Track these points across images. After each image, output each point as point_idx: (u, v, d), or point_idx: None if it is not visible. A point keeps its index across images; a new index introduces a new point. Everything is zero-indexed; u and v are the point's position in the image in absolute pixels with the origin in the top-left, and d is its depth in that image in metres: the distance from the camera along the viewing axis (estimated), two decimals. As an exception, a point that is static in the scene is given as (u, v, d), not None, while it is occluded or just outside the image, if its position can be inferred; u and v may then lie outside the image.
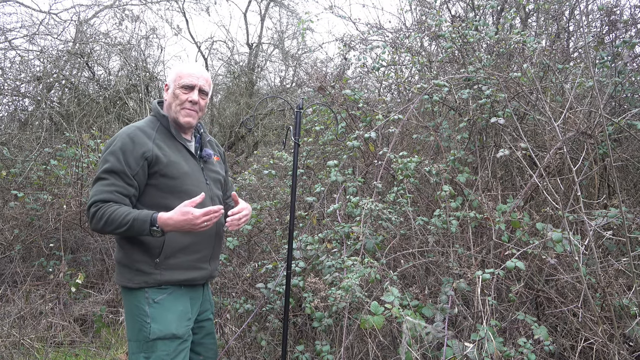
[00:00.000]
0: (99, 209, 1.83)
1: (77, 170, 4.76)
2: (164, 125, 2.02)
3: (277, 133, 8.73)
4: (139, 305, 1.90)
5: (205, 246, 2.03)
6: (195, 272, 1.99)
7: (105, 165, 1.87)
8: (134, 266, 1.90)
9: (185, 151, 2.03)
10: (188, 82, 2.01)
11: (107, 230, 1.83)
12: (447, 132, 3.32)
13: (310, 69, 5.24)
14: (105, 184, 1.86)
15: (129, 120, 7.47)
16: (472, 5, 4.10)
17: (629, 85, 3.11)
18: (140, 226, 1.80)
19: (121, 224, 1.80)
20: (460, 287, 2.36)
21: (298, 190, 3.67)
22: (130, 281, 1.91)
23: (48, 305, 3.96)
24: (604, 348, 2.22)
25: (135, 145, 1.88)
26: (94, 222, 1.84)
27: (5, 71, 6.48)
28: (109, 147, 1.91)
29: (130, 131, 1.93)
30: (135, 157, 1.87)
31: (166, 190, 1.93)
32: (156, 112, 2.06)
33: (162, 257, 1.90)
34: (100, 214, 1.81)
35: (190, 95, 2.01)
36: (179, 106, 2.01)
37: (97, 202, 1.84)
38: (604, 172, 3.09)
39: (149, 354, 1.87)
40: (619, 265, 2.43)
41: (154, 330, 1.86)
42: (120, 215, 1.80)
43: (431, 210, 3.10)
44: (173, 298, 1.93)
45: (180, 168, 1.96)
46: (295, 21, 9.92)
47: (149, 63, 8.60)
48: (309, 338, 3.09)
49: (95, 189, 1.87)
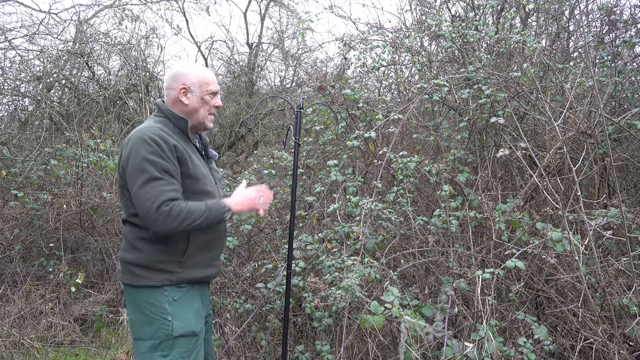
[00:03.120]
0: (172, 208, 1.81)
1: (77, 170, 4.76)
2: (179, 127, 2.00)
3: (277, 133, 8.73)
4: (158, 304, 1.89)
5: (218, 244, 2.08)
6: (210, 270, 2.04)
7: (154, 166, 1.83)
8: (155, 266, 1.89)
9: (198, 153, 2.06)
10: (215, 88, 2.05)
11: (182, 226, 1.82)
12: (447, 131, 3.32)
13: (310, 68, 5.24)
14: (164, 183, 1.83)
15: (129, 120, 7.47)
16: (472, 4, 4.09)
17: (629, 85, 3.11)
18: (216, 211, 1.89)
19: (199, 215, 1.84)
20: (460, 286, 2.36)
21: (298, 190, 3.67)
22: (149, 280, 1.89)
23: (48, 305, 3.96)
24: (604, 348, 2.23)
25: (166, 142, 1.87)
26: (168, 220, 1.81)
27: (5, 71, 6.48)
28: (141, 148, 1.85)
29: (154, 131, 1.88)
30: (171, 153, 1.88)
31: (190, 191, 1.93)
32: (169, 114, 2.00)
33: (187, 255, 1.92)
34: (177, 211, 1.81)
35: (217, 101, 2.07)
36: (208, 112, 2.05)
37: (166, 200, 1.81)
38: (604, 171, 3.09)
39: (168, 352, 1.87)
40: (619, 265, 2.43)
41: (177, 328, 1.87)
42: (195, 207, 1.85)
43: (431, 210, 3.10)
44: (189, 296, 1.95)
45: (201, 169, 1.99)
46: (295, 21, 9.92)
47: (149, 63, 8.61)
48: (309, 338, 3.09)
49: (155, 190, 1.81)
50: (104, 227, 4.88)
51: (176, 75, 2.02)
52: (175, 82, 2.02)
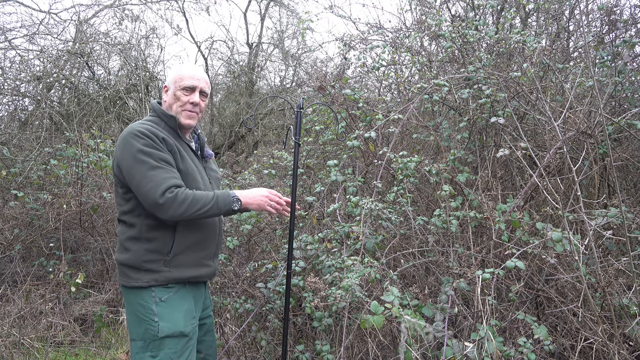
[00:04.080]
0: (177, 194, 1.81)
1: (77, 170, 4.75)
2: (170, 125, 2.02)
3: (277, 133, 8.73)
4: (145, 305, 1.89)
5: (211, 243, 2.06)
6: (202, 269, 2.01)
7: (150, 157, 1.83)
8: (142, 266, 1.89)
9: (190, 151, 2.06)
10: (189, 83, 2.02)
11: (188, 212, 1.82)
12: (447, 131, 3.32)
13: (310, 68, 5.24)
14: (164, 171, 1.83)
15: (129, 120, 7.47)
16: (472, 4, 4.10)
17: (629, 85, 3.11)
18: (224, 200, 1.90)
19: (206, 202, 1.85)
20: (460, 286, 2.36)
21: (298, 190, 3.67)
22: (138, 280, 1.90)
23: (48, 304, 3.96)
24: (604, 348, 2.23)
25: (156, 135, 1.89)
26: (174, 207, 1.80)
27: (5, 71, 6.48)
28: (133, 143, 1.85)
29: (144, 126, 1.90)
30: (162, 145, 1.89)
31: None
32: (160, 113, 2.03)
33: (172, 254, 1.91)
34: (182, 198, 1.81)
35: (192, 97, 2.03)
36: (180, 107, 2.03)
37: (170, 187, 1.81)
38: (604, 171, 3.09)
39: (157, 352, 1.87)
40: (619, 265, 2.43)
41: (163, 329, 1.87)
42: (201, 195, 1.85)
43: (431, 210, 3.10)
44: (179, 297, 1.93)
45: (191, 166, 1.99)
46: (295, 21, 9.92)
47: (149, 63, 8.61)
48: (309, 338, 3.09)
49: (157, 177, 1.81)
50: (104, 227, 4.88)
51: (167, 76, 2.12)
52: (165, 83, 2.10)
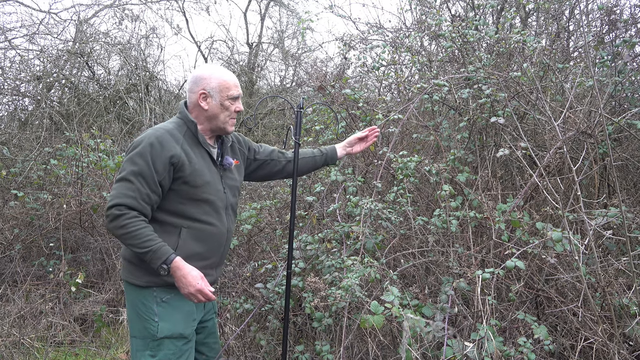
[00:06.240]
0: (123, 215, 1.79)
1: (77, 170, 4.75)
2: (192, 130, 2.00)
3: (277, 132, 8.73)
4: (147, 304, 1.90)
5: (215, 254, 2.04)
6: None
7: (133, 167, 1.83)
8: (143, 265, 1.89)
9: (209, 158, 2.03)
10: (237, 93, 2.03)
11: (122, 239, 1.81)
12: (447, 131, 3.32)
13: (310, 68, 5.23)
14: (131, 187, 1.81)
15: (129, 119, 7.47)
16: (472, 4, 4.09)
17: (629, 85, 3.11)
18: (158, 257, 1.80)
19: (140, 246, 1.79)
20: (460, 286, 2.36)
21: (298, 189, 3.67)
22: (139, 279, 1.90)
23: (48, 304, 3.96)
24: (604, 347, 2.23)
25: (164, 149, 1.86)
26: (112, 225, 1.80)
27: (5, 71, 6.48)
28: (137, 147, 1.86)
29: (159, 134, 1.89)
30: (163, 161, 1.85)
31: (185, 197, 1.93)
32: (184, 117, 2.01)
33: None
34: (124, 223, 1.78)
35: (238, 105, 2.05)
36: (229, 117, 2.03)
37: (121, 205, 1.80)
38: (604, 171, 3.09)
39: (156, 352, 1.88)
40: (619, 265, 2.43)
41: (162, 329, 1.88)
42: (143, 236, 1.79)
43: (431, 210, 3.10)
44: (180, 298, 1.93)
45: (203, 176, 1.96)
46: (295, 20, 9.92)
47: (149, 62, 8.60)
48: (309, 338, 3.09)
49: (119, 190, 1.82)
50: (104, 227, 4.88)
51: (197, 79, 2.00)
52: (196, 86, 2.00)
